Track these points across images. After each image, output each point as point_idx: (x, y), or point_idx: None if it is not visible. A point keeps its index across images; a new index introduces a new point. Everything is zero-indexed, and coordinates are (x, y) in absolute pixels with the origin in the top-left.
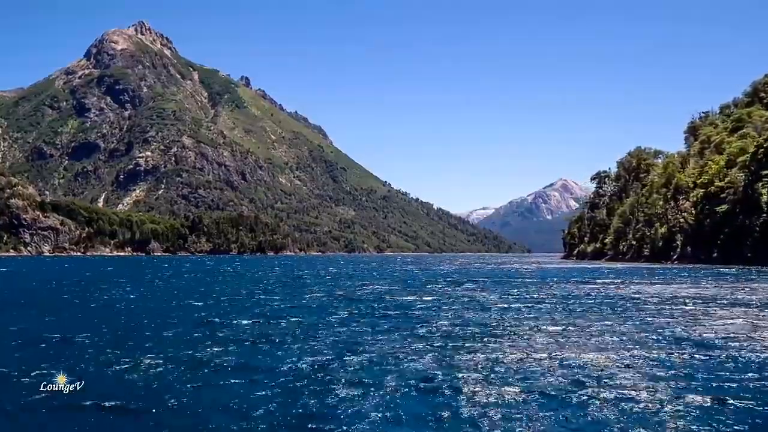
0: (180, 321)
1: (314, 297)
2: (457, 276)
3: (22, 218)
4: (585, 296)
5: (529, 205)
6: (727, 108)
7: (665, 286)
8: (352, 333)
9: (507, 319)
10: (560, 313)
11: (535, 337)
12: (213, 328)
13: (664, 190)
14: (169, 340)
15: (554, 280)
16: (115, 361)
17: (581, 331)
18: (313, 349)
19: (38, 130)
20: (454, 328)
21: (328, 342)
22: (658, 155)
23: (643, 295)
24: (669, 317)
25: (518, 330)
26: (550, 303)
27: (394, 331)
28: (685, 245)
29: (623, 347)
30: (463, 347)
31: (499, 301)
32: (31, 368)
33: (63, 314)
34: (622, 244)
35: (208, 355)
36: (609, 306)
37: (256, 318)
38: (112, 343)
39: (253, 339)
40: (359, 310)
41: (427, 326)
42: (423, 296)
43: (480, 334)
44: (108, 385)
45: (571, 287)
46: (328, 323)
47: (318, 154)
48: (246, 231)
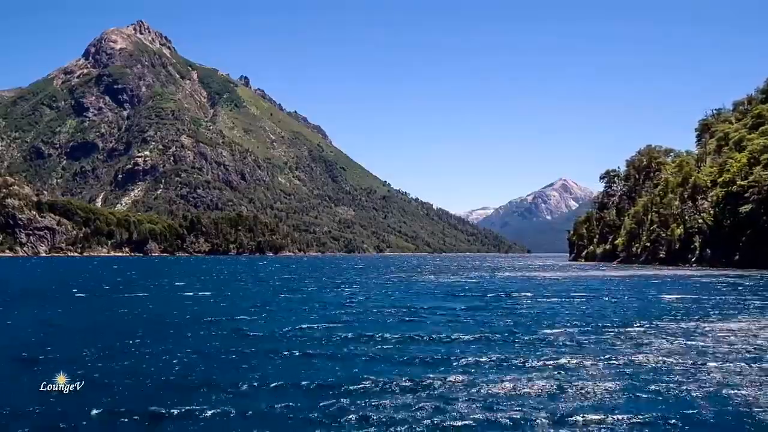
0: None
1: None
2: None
3: (18, 218)
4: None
5: (529, 205)
6: (741, 105)
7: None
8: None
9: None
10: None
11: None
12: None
13: (680, 189)
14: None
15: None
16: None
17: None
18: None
19: (36, 130)
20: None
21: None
22: (669, 153)
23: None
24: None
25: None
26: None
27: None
28: (704, 247)
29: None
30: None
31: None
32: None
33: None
34: (635, 246)
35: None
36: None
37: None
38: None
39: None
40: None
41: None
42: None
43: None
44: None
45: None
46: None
47: (317, 153)
48: (245, 231)
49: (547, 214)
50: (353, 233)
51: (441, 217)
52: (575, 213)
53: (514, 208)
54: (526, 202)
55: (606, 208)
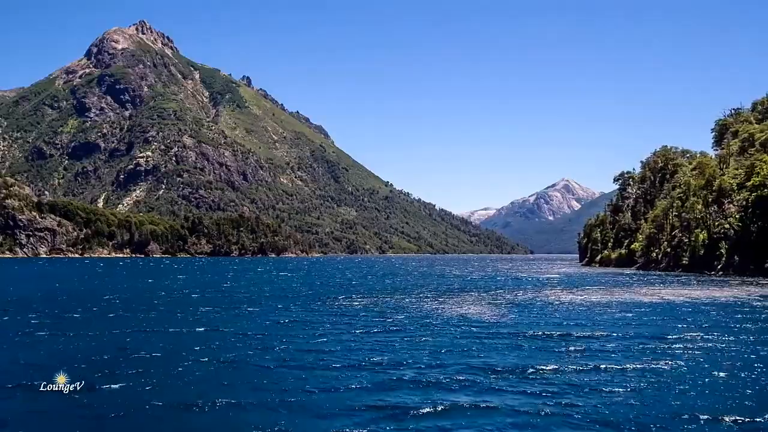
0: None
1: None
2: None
3: (18, 219)
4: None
5: (531, 206)
6: (761, 104)
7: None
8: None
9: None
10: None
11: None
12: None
13: (704, 192)
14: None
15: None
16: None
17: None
18: None
19: (38, 130)
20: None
21: None
22: (685, 155)
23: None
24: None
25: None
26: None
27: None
28: (731, 254)
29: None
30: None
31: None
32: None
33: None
34: (654, 252)
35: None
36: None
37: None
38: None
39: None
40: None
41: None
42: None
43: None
44: None
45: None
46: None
47: (320, 154)
48: (247, 232)
49: (549, 214)
50: (355, 234)
51: (443, 218)
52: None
53: (516, 208)
54: (528, 203)
55: (620, 211)
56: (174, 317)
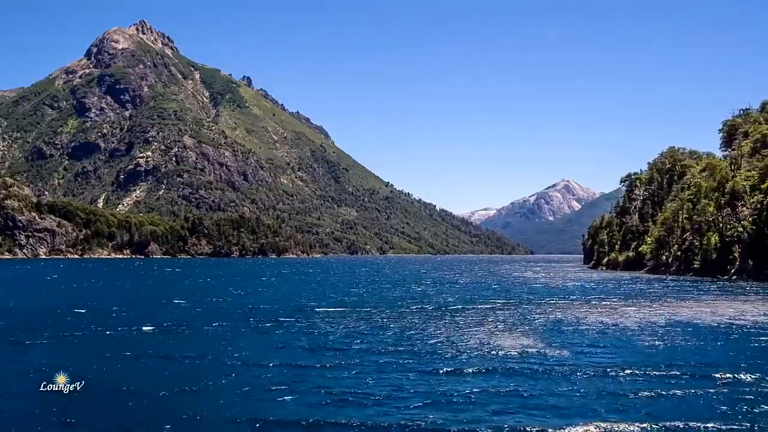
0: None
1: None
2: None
3: (17, 220)
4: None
5: (531, 206)
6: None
7: None
8: None
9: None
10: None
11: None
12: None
13: (716, 194)
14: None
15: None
16: None
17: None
18: None
19: (38, 130)
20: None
21: None
22: (693, 156)
23: None
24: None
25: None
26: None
27: None
28: (744, 258)
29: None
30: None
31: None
32: None
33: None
34: (663, 255)
35: None
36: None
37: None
38: None
39: None
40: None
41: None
42: None
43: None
44: None
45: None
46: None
47: (320, 154)
48: (247, 233)
49: (550, 214)
50: (356, 234)
51: (444, 218)
52: (578, 214)
53: (517, 208)
54: (528, 203)
55: (627, 213)
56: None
